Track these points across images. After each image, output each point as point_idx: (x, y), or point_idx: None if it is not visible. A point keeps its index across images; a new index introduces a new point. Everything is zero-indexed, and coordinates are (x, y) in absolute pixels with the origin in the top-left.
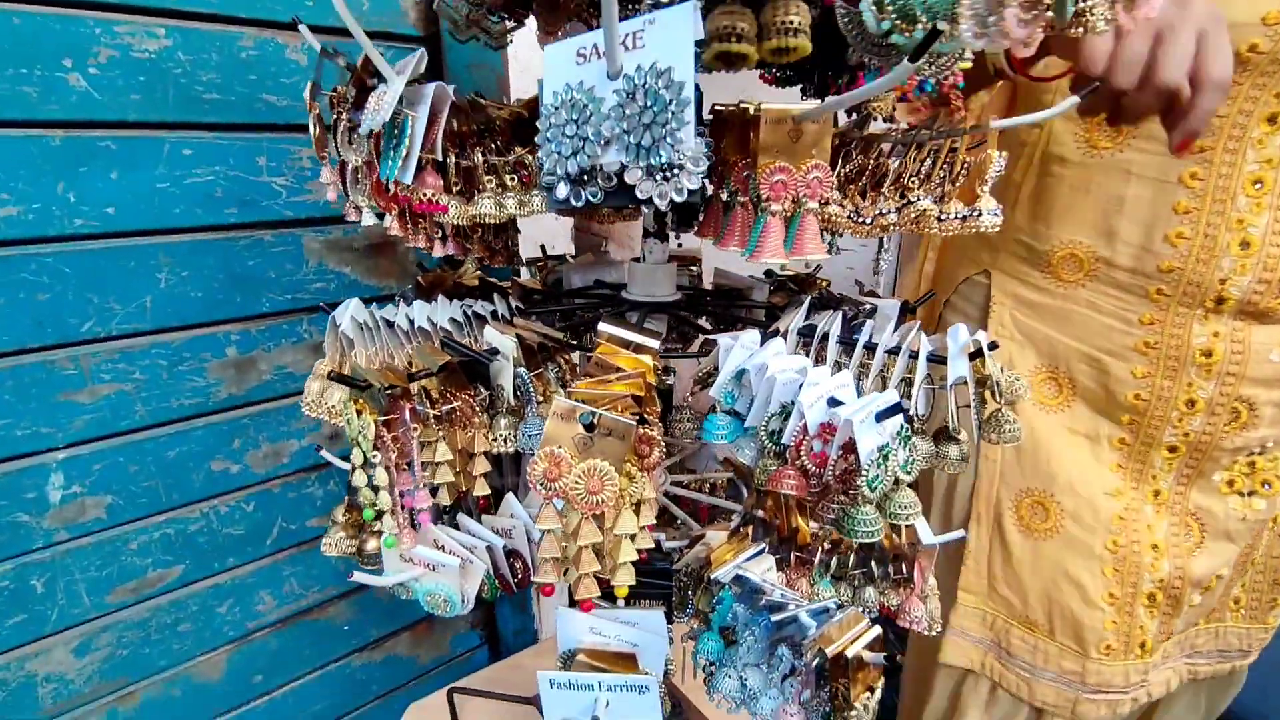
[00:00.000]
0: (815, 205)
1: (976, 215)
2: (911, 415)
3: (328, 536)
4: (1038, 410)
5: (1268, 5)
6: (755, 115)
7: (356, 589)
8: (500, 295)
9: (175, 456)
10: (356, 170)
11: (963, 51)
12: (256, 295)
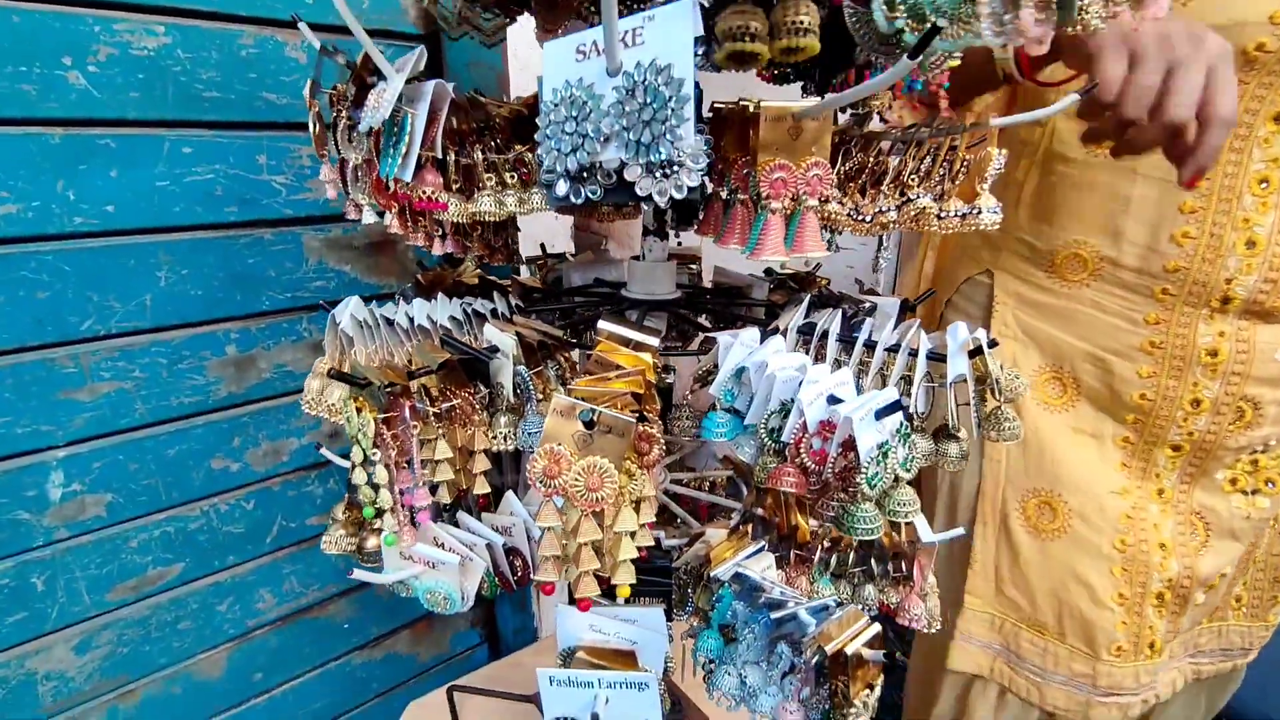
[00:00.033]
0: (815, 203)
1: (976, 213)
2: (911, 413)
3: (328, 534)
4: (1042, 410)
5: (1275, 4)
6: (755, 113)
7: (356, 587)
8: (500, 293)
9: (175, 454)
10: (356, 168)
11: (951, 52)
12: (256, 293)
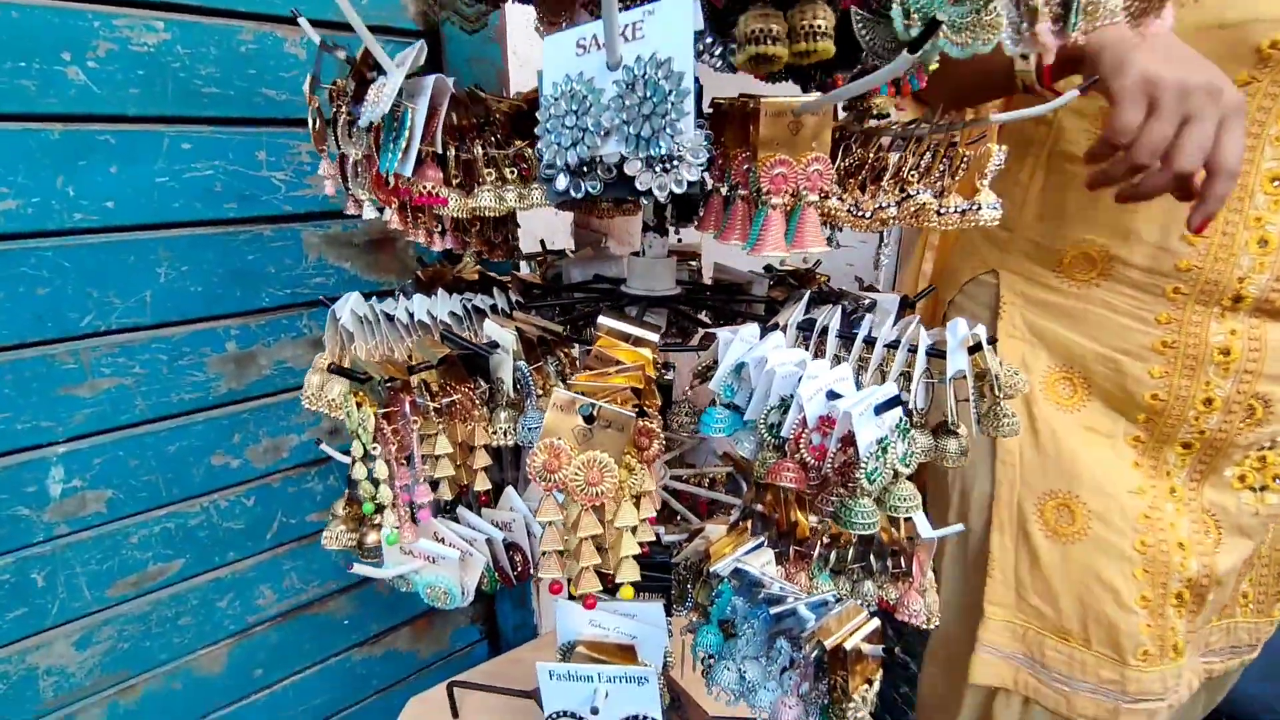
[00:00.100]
0: (815, 198)
1: (976, 209)
2: (910, 409)
3: (328, 530)
4: (1055, 409)
5: None
6: (755, 108)
7: (357, 583)
8: (500, 289)
9: (175, 451)
10: (356, 164)
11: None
12: (256, 290)
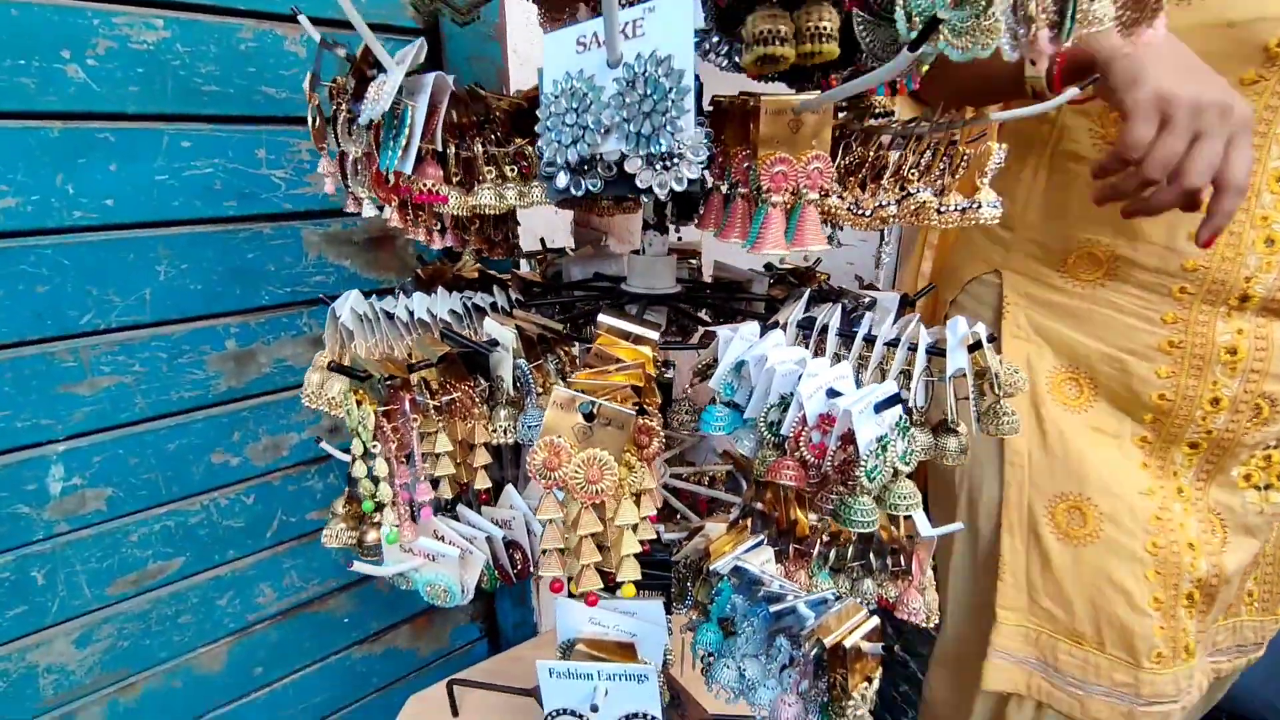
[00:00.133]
0: (815, 196)
1: (976, 207)
2: (910, 407)
3: (328, 528)
4: (1063, 410)
5: None
6: (755, 106)
7: (357, 582)
8: (500, 287)
9: (175, 449)
10: (356, 161)
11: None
12: (256, 288)
